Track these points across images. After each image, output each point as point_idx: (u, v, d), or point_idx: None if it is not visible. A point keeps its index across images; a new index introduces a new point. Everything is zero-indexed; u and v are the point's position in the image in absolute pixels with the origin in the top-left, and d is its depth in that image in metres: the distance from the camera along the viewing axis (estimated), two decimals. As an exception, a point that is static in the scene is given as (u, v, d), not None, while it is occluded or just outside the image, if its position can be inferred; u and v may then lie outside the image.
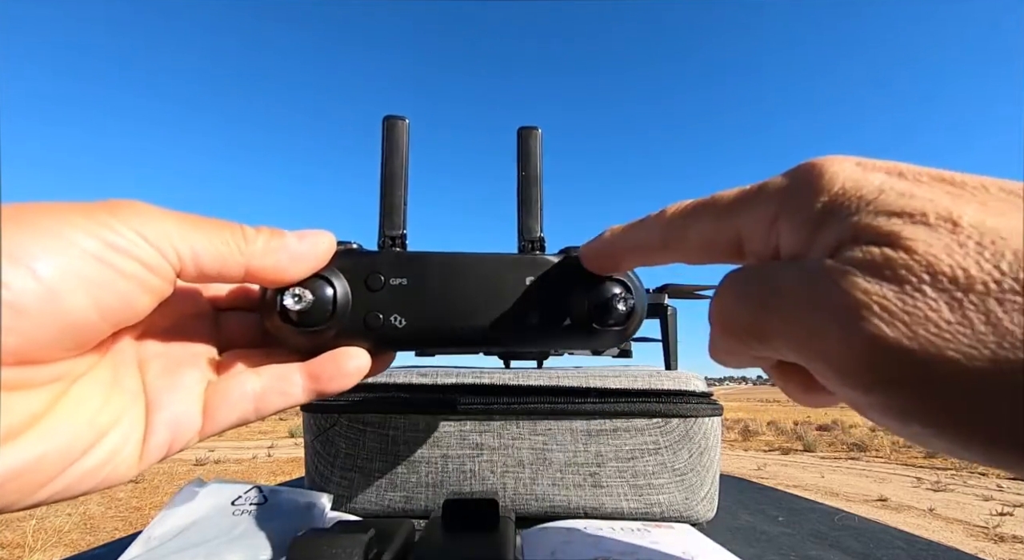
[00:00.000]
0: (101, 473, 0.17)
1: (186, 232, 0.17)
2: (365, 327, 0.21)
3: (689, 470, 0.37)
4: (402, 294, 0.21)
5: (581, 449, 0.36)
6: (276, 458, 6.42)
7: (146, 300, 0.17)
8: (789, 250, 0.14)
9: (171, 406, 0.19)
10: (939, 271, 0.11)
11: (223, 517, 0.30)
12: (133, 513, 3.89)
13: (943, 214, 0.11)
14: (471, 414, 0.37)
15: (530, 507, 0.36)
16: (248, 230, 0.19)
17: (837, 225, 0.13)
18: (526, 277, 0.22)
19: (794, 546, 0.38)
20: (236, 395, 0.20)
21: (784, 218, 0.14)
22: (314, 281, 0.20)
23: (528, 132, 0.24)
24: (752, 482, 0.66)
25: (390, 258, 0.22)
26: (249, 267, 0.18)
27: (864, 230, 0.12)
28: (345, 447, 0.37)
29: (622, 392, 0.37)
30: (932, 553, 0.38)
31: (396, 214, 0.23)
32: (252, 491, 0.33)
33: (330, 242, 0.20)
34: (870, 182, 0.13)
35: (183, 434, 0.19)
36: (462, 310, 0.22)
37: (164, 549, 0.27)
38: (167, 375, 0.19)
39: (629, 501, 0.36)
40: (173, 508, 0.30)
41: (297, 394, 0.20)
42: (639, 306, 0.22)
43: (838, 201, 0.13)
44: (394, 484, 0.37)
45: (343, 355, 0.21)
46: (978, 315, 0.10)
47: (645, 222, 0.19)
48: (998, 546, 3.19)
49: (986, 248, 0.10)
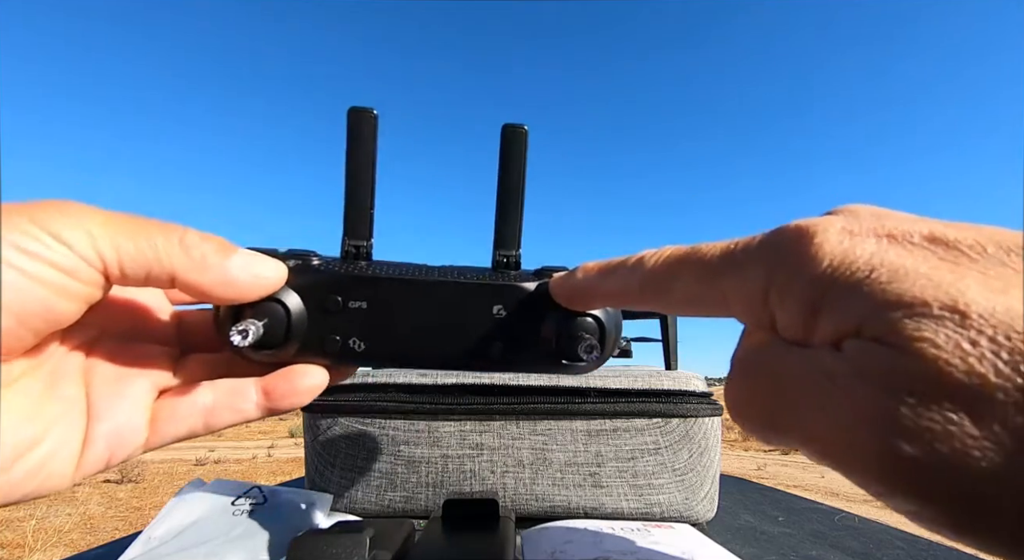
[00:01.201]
0: (31, 482, 0.16)
1: (111, 233, 0.16)
2: (322, 350, 0.20)
3: (689, 470, 0.37)
4: (362, 318, 0.20)
5: (581, 449, 0.36)
6: (276, 458, 6.42)
7: (69, 305, 0.16)
8: (788, 330, 0.13)
9: (114, 416, 0.18)
10: (955, 381, 0.10)
11: (223, 517, 0.30)
12: (133, 513, 3.89)
13: (947, 302, 0.10)
14: (471, 414, 0.37)
15: (530, 507, 0.36)
16: (190, 236, 0.17)
17: (836, 311, 0.12)
18: (493, 306, 0.21)
19: (794, 546, 0.38)
20: (186, 408, 0.19)
21: (775, 294, 0.13)
22: (266, 304, 0.19)
23: (513, 130, 0.22)
24: (752, 482, 0.66)
25: (349, 279, 0.20)
26: (175, 277, 0.17)
27: (865, 323, 0.11)
28: (345, 447, 0.37)
29: (622, 392, 0.37)
30: (932, 553, 0.38)
31: (361, 221, 0.21)
32: (252, 491, 0.33)
33: (277, 274, 0.19)
34: (859, 255, 0.12)
35: (125, 446, 0.18)
36: (424, 338, 0.21)
37: (164, 549, 0.27)
38: (114, 383, 0.18)
39: (629, 501, 0.36)
40: (173, 508, 0.30)
41: (250, 410, 0.20)
42: (610, 343, 0.21)
43: (829, 280, 0.12)
44: (394, 484, 0.37)
45: (297, 373, 0.20)
46: (1003, 429, 0.09)
47: (623, 268, 0.18)
48: (998, 546, 3.19)
49: (1001, 346, 0.09)
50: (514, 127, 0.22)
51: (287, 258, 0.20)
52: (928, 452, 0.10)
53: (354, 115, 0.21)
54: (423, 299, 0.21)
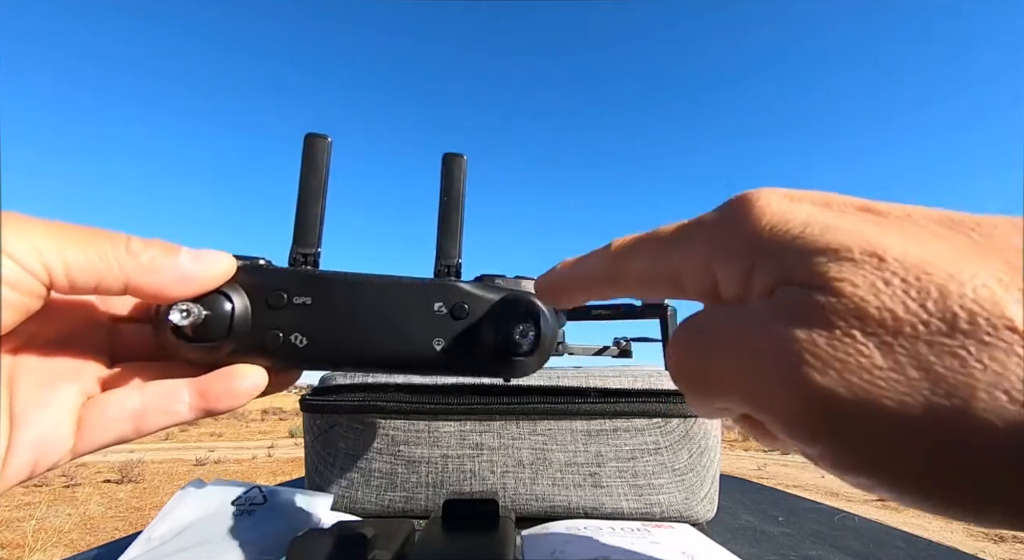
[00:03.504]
0: None
1: (59, 244, 0.16)
2: (263, 346, 0.21)
3: (689, 470, 0.37)
4: (305, 313, 0.21)
5: (581, 449, 0.36)
6: (276, 458, 6.42)
7: (6, 316, 0.16)
8: (728, 293, 0.14)
9: (38, 425, 0.18)
10: (867, 314, 0.10)
11: (223, 517, 0.30)
12: (133, 513, 3.89)
13: (867, 248, 0.11)
14: (471, 414, 0.37)
15: (530, 507, 0.36)
16: (135, 243, 0.18)
17: (769, 266, 0.12)
18: (435, 303, 0.22)
19: (794, 546, 0.38)
20: (113, 413, 0.19)
21: (717, 259, 0.14)
22: (212, 296, 0.20)
23: (452, 158, 0.24)
24: (752, 482, 0.66)
25: (295, 277, 0.21)
26: (128, 283, 0.17)
27: (793, 271, 0.12)
28: (345, 447, 0.37)
29: (622, 392, 0.37)
30: (932, 553, 0.38)
31: (311, 232, 0.23)
32: (252, 491, 0.33)
33: (227, 264, 0.20)
34: (796, 216, 0.13)
35: (50, 454, 0.18)
36: (366, 333, 0.21)
37: (164, 549, 0.27)
38: (39, 390, 0.18)
39: (629, 501, 0.36)
40: (173, 508, 0.30)
41: (182, 412, 0.19)
42: (546, 337, 0.22)
43: (766, 238, 0.13)
44: (394, 484, 0.37)
45: (235, 373, 0.20)
46: (909, 360, 0.10)
47: (592, 256, 0.18)
48: (998, 546, 3.19)
49: (911, 285, 0.10)
50: (453, 155, 0.24)
51: (235, 259, 0.21)
52: (838, 381, 0.10)
53: (310, 140, 0.23)
54: (366, 296, 0.21)
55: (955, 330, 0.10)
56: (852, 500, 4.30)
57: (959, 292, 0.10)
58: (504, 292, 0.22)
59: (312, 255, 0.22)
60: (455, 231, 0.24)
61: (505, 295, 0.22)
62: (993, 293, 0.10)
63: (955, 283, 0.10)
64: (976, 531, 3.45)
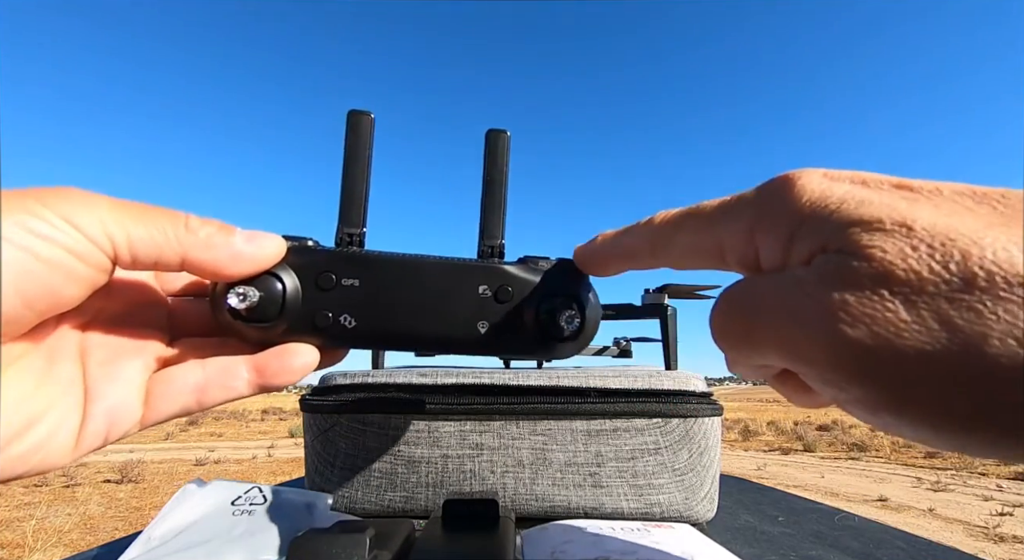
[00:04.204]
0: (32, 459, 0.17)
1: (121, 219, 0.17)
2: (313, 326, 0.21)
3: (689, 470, 0.37)
4: (353, 295, 0.21)
5: (581, 449, 0.36)
6: (276, 458, 6.42)
7: (74, 289, 0.16)
8: (769, 262, 0.15)
9: (110, 396, 0.19)
10: (894, 276, 0.12)
11: (223, 517, 0.30)
12: (133, 513, 3.89)
13: (898, 219, 0.12)
14: (471, 414, 0.37)
15: (530, 507, 0.36)
16: (192, 221, 0.19)
17: (808, 237, 0.14)
18: (479, 286, 0.22)
19: (794, 546, 0.38)
20: (178, 386, 0.20)
21: (760, 230, 0.15)
22: (264, 278, 0.20)
23: (496, 135, 0.24)
24: (752, 482, 0.66)
25: (343, 258, 0.22)
26: (186, 258, 0.18)
27: (830, 240, 0.13)
28: (345, 447, 0.37)
29: (622, 392, 0.37)
30: (932, 553, 0.38)
31: (355, 211, 0.23)
32: (252, 491, 0.33)
33: (278, 245, 0.21)
34: (834, 192, 0.14)
35: (121, 424, 0.19)
36: (412, 315, 0.22)
37: (164, 549, 0.27)
38: (108, 364, 0.19)
39: (629, 501, 0.36)
40: (173, 508, 0.30)
41: (240, 388, 0.20)
42: (589, 323, 0.22)
43: (807, 213, 0.14)
44: (394, 484, 0.37)
45: (290, 351, 0.21)
46: (931, 314, 0.11)
47: (634, 228, 0.20)
48: (998, 546, 3.19)
49: (936, 250, 0.11)
50: (497, 131, 0.24)
51: (285, 240, 0.21)
52: (868, 334, 0.12)
53: (353, 117, 0.23)
54: (412, 278, 0.22)
55: (973, 287, 0.11)
56: (852, 500, 4.30)
57: (979, 255, 0.11)
58: (547, 275, 0.23)
59: (358, 235, 0.23)
60: (499, 210, 0.24)
61: (549, 278, 0.22)
62: (1011, 255, 0.11)
63: (976, 247, 0.11)
64: (976, 531, 3.45)
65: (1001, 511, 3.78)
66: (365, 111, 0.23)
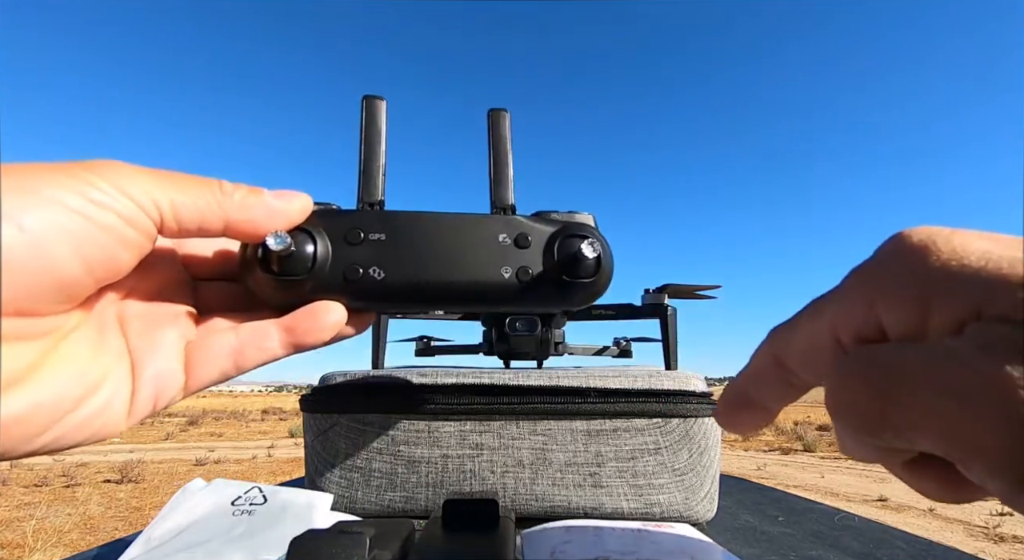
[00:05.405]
0: (93, 425, 0.17)
1: (165, 186, 0.18)
2: (344, 279, 0.22)
3: (689, 470, 0.37)
4: (381, 248, 0.22)
5: (581, 449, 0.36)
6: (276, 458, 6.42)
7: (127, 255, 0.17)
8: (898, 333, 0.13)
9: (154, 364, 0.19)
10: None
11: (223, 517, 0.30)
12: (133, 513, 3.89)
13: None
14: (471, 414, 0.37)
15: (530, 507, 0.36)
16: (226, 185, 0.19)
17: (951, 302, 0.12)
18: (499, 234, 0.23)
19: (794, 546, 0.38)
20: (215, 352, 0.20)
21: (883, 300, 0.13)
22: (295, 234, 0.21)
23: (497, 114, 0.26)
24: (752, 482, 0.66)
25: (368, 216, 0.23)
26: (228, 220, 0.19)
27: (985, 306, 0.11)
28: (345, 447, 0.37)
29: (622, 392, 0.37)
30: (932, 553, 0.38)
31: (373, 183, 0.24)
32: (252, 491, 0.33)
33: (306, 201, 0.21)
34: (972, 251, 0.12)
35: (167, 390, 0.19)
36: (439, 264, 0.23)
37: (164, 549, 0.27)
38: (147, 334, 0.20)
39: (629, 501, 0.36)
40: (173, 508, 0.30)
41: (275, 348, 0.21)
42: (606, 258, 0.23)
43: (942, 274, 0.12)
44: (394, 484, 0.37)
45: (321, 309, 0.21)
46: None
47: (756, 354, 0.18)
48: (998, 546, 3.19)
49: None
50: (498, 110, 0.26)
51: None
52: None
53: (368, 102, 0.25)
54: (435, 230, 0.23)
55: None
56: (852, 500, 4.30)
57: None
58: (561, 224, 0.24)
59: (378, 203, 0.24)
60: (506, 180, 0.26)
61: (563, 225, 0.24)
62: None
63: None
64: (976, 531, 3.45)
65: (1001, 511, 3.78)
66: (378, 96, 0.25)
